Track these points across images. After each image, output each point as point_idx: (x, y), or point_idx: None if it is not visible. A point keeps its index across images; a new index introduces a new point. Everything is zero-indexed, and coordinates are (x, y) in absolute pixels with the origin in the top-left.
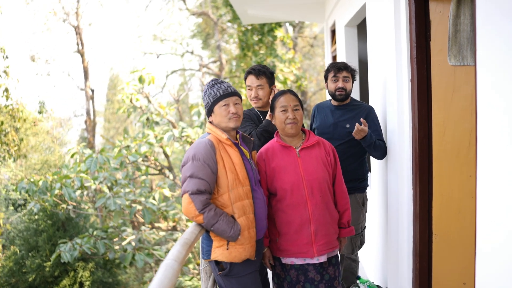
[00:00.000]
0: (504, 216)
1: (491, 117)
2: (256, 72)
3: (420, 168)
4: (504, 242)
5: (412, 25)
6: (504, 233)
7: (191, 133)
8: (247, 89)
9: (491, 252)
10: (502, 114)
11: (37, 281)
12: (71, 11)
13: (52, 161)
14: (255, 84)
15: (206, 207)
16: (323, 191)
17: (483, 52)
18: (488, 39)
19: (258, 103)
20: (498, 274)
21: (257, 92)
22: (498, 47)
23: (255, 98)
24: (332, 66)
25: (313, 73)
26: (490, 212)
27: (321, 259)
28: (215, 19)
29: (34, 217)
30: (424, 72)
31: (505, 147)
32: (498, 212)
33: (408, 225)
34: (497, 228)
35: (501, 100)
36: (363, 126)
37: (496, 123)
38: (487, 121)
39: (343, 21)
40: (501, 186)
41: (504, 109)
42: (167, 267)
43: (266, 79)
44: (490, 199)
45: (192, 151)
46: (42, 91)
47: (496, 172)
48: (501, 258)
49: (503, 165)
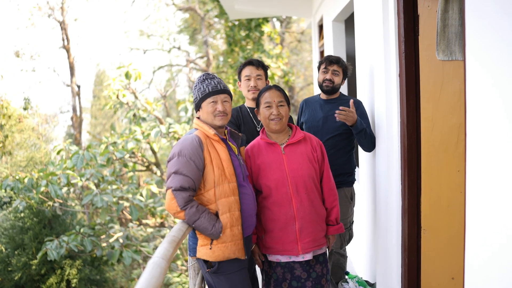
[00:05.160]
0: (493, 210)
1: (481, 111)
2: (255, 62)
3: (409, 163)
4: (493, 236)
5: (400, 20)
6: (493, 227)
7: (178, 129)
8: (243, 80)
9: (480, 247)
10: (491, 108)
11: (24, 279)
12: (56, 6)
13: (38, 158)
14: (254, 74)
15: (188, 204)
16: (309, 188)
17: (472, 46)
18: (477, 33)
19: (255, 94)
20: (487, 268)
21: (256, 82)
22: (487, 41)
23: (254, 88)
24: (325, 59)
25: (300, 69)
26: (479, 207)
27: (307, 257)
28: (202, 15)
29: (19, 215)
30: (413, 67)
31: (494, 141)
32: (487, 206)
33: (396, 220)
34: (486, 223)
35: (490, 94)
36: (351, 109)
37: (485, 117)
38: (476, 115)
39: (331, 16)
40: (490, 181)
41: (493, 103)
42: (155, 265)
43: (263, 71)
44: (479, 194)
45: (178, 147)
46: (27, 87)
47: (485, 167)
48: (490, 252)
49: (493, 159)
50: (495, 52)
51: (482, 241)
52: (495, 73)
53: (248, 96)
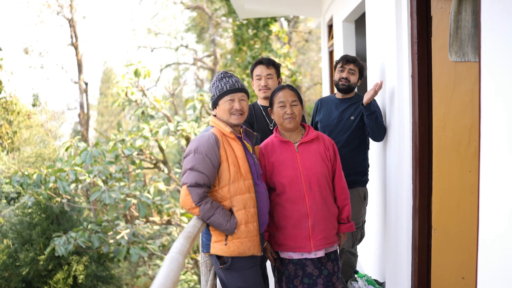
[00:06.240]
0: (507, 210)
1: (495, 112)
2: (266, 61)
3: (420, 162)
4: (507, 236)
5: (413, 21)
6: (506, 228)
7: (186, 127)
8: (255, 79)
9: (493, 246)
10: (506, 109)
11: (31, 274)
12: (65, 4)
13: (46, 154)
14: (265, 73)
15: (203, 200)
16: (322, 186)
17: (487, 47)
18: (492, 34)
19: (266, 93)
20: (500, 268)
21: (266, 81)
22: (502, 42)
23: (264, 87)
24: (342, 58)
25: (307, 68)
26: (493, 207)
27: (319, 254)
28: (210, 13)
29: (27, 211)
30: (425, 67)
31: (508, 142)
32: (501, 206)
33: (407, 219)
34: (500, 223)
35: (504, 95)
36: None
37: (499, 118)
38: (490, 116)
39: (341, 16)
40: (504, 181)
41: (507, 104)
42: (172, 260)
43: (275, 70)
44: (492, 194)
45: (195, 143)
46: (35, 84)
47: (499, 167)
48: (503, 252)
49: (506, 160)
50: (510, 53)
51: (496, 242)
52: (510, 74)
53: (260, 95)
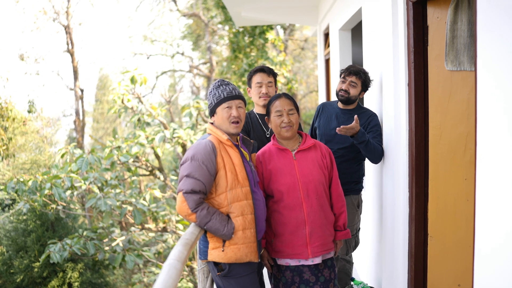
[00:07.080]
0: (503, 218)
1: (491, 120)
2: (267, 69)
3: (417, 170)
4: (503, 244)
5: (410, 30)
6: (503, 235)
7: (182, 134)
8: (255, 86)
9: (490, 254)
10: (501, 118)
11: (25, 281)
12: (61, 10)
13: (42, 161)
14: (266, 81)
15: (199, 206)
16: (319, 193)
17: (483, 56)
18: (488, 44)
19: (267, 100)
20: (497, 275)
21: (267, 89)
22: (498, 52)
23: (265, 94)
24: (346, 69)
25: (303, 76)
26: (489, 215)
27: (316, 260)
28: (206, 21)
29: (22, 217)
30: (421, 76)
31: (504, 150)
32: (497, 214)
33: (403, 227)
34: (496, 230)
35: (500, 103)
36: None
37: (495, 126)
38: (486, 124)
39: (337, 25)
40: (500, 189)
41: (503, 112)
42: (170, 267)
43: (274, 78)
44: (488, 202)
45: (192, 151)
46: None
47: (495, 175)
48: (499, 259)
49: (502, 168)
50: (506, 63)
51: (492, 249)
52: (506, 83)
53: (259, 103)
